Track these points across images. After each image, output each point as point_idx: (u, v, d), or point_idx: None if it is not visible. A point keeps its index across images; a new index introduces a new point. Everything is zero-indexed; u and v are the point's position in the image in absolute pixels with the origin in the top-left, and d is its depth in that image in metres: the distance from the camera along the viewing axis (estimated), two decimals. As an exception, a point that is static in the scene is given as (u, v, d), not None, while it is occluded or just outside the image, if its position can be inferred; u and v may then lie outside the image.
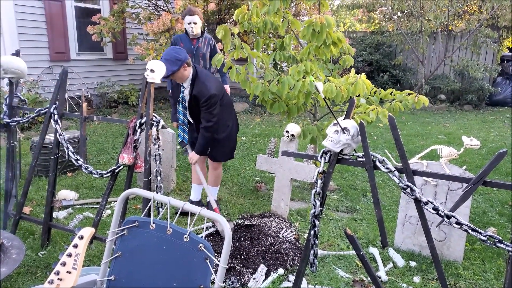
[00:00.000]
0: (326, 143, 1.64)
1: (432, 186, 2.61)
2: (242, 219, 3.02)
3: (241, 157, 4.87)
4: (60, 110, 2.52)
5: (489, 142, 5.82)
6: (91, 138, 5.55)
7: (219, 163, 3.18)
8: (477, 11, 8.34)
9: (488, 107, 9.24)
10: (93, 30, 6.35)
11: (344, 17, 12.98)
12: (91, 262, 2.45)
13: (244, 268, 2.38)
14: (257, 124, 7.01)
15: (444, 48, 8.09)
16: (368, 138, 5.96)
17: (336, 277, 2.36)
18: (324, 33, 2.96)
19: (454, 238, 2.56)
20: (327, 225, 3.04)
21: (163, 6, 7.16)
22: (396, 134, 1.56)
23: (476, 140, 2.22)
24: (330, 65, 3.61)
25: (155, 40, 6.10)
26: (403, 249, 2.70)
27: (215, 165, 3.17)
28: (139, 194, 1.37)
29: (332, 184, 3.93)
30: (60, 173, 3.95)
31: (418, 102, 3.19)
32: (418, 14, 7.75)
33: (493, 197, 3.68)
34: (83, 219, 3.04)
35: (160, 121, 2.25)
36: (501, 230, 2.99)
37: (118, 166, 2.33)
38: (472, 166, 4.53)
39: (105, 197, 2.42)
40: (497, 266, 2.49)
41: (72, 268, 1.08)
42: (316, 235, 1.73)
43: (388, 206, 3.45)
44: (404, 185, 1.57)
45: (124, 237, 1.35)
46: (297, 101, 3.33)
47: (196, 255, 1.22)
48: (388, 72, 9.85)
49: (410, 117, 7.94)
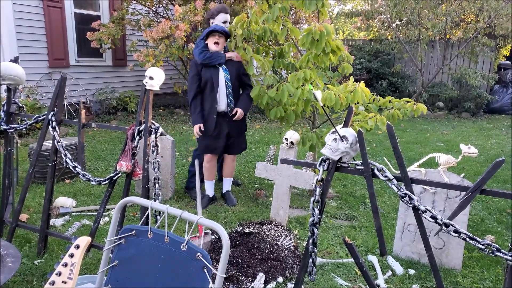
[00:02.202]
0: (324, 151, 1.64)
1: (430, 194, 2.61)
2: (241, 227, 3.00)
3: (240, 164, 4.86)
4: (58, 117, 2.52)
5: (487, 150, 5.84)
6: (89, 144, 5.55)
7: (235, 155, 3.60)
8: (474, 20, 8.41)
9: (486, 115, 9.29)
10: (92, 36, 6.37)
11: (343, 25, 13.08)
12: (88, 270, 2.43)
13: (243, 277, 2.36)
14: (256, 131, 7.02)
15: (442, 56, 8.14)
16: (367, 146, 5.97)
17: (335, 285, 2.34)
18: (323, 42, 2.98)
19: (453, 246, 2.55)
20: (326, 233, 3.03)
21: (163, 13, 7.20)
22: (394, 142, 1.57)
23: (474, 148, 2.23)
24: (329, 73, 3.63)
25: (155, 47, 6.13)
26: (402, 257, 2.69)
27: (233, 157, 3.57)
28: (136, 202, 1.37)
29: (331, 191, 3.93)
30: (58, 180, 3.93)
31: (416, 110, 3.20)
32: (416, 23, 7.82)
33: (491, 204, 3.68)
34: (81, 226, 3.02)
35: (158, 128, 2.25)
36: (499, 238, 2.98)
37: (116, 173, 2.32)
38: (471, 174, 4.54)
39: (103, 205, 2.40)
40: (496, 274, 2.48)
41: (68, 278, 1.07)
42: (314, 243, 1.72)
43: (387, 213, 3.44)
44: (403, 193, 1.57)
45: (121, 245, 1.35)
46: (296, 108, 3.34)
47: (194, 264, 1.21)
48: (387, 79, 9.90)
49: (409, 124, 7.97)
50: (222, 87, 3.27)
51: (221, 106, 3.31)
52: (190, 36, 6.27)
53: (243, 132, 3.53)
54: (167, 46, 5.86)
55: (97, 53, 7.29)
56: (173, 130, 6.78)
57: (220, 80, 3.26)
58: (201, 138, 3.35)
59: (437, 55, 9.10)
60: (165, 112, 8.21)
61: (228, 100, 3.31)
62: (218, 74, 3.25)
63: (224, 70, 3.27)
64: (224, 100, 3.30)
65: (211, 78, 3.23)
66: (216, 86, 3.24)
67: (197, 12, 5.64)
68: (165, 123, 7.36)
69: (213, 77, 3.23)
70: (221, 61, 3.22)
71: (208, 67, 3.23)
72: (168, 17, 6.89)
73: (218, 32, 3.18)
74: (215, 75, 3.24)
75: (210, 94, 3.27)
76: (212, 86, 3.25)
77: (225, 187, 3.67)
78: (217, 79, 3.24)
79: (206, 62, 3.20)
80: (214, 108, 3.27)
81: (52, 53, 6.74)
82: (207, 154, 3.42)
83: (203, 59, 3.19)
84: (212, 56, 3.20)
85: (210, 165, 3.46)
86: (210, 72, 3.23)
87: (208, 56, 3.19)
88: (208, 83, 3.25)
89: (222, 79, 3.27)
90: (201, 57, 3.19)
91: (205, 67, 3.24)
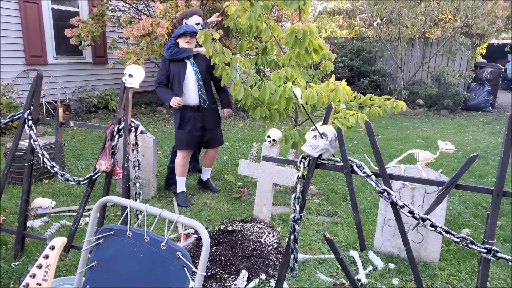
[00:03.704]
0: (305, 148, 1.66)
1: (409, 189, 2.66)
2: (224, 225, 3.00)
3: (224, 162, 4.85)
4: (34, 116, 2.46)
5: (464, 146, 6.00)
6: (69, 143, 5.43)
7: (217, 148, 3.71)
8: (452, 19, 8.62)
9: (464, 112, 9.54)
10: (71, 33, 6.23)
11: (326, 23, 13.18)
12: (68, 271, 2.39)
13: (226, 274, 2.36)
14: (240, 129, 7.01)
15: (422, 55, 8.31)
16: (349, 143, 6.05)
17: (317, 280, 2.37)
18: (307, 41, 3.00)
19: (431, 239, 2.61)
20: (309, 229, 3.06)
21: (143, 10, 7.10)
22: (372, 139, 1.59)
23: (450, 144, 2.28)
24: (311, 71, 3.66)
25: (136, 44, 6.04)
26: (383, 252, 2.74)
27: (215, 149, 3.69)
28: (115, 202, 1.35)
29: (314, 188, 3.96)
30: (36, 180, 3.84)
31: (396, 107, 3.26)
32: (397, 21, 7.95)
33: (468, 199, 3.78)
34: (60, 227, 2.96)
35: (138, 127, 2.22)
36: (475, 231, 3.08)
37: (96, 172, 2.29)
38: (449, 169, 4.65)
39: (82, 205, 2.36)
40: (472, 266, 2.56)
41: (43, 280, 1.05)
42: (296, 239, 1.74)
43: (368, 209, 3.50)
44: (381, 189, 1.60)
45: (100, 245, 1.33)
46: (278, 106, 3.35)
47: (174, 263, 1.21)
48: (368, 77, 10.04)
49: (390, 121, 8.10)
50: (191, 80, 3.38)
51: (191, 100, 3.40)
52: (172, 33, 6.19)
53: (219, 125, 3.63)
54: (149, 44, 5.78)
55: (76, 51, 7.13)
56: (155, 129, 6.71)
57: (188, 73, 3.37)
58: (176, 134, 3.47)
59: (417, 53, 9.29)
60: (147, 110, 8.11)
61: (200, 92, 3.41)
62: (186, 67, 3.37)
63: (192, 64, 3.38)
64: (195, 93, 3.40)
65: (178, 72, 3.36)
66: (183, 78, 3.35)
67: (179, 9, 5.59)
68: (147, 122, 7.27)
69: (180, 70, 3.35)
70: (188, 54, 3.32)
71: (176, 61, 3.35)
72: (149, 14, 6.80)
73: (190, 34, 3.28)
74: (183, 69, 3.36)
75: (178, 87, 3.37)
76: (179, 80, 3.36)
77: (206, 175, 3.84)
78: (184, 72, 3.36)
79: (174, 57, 3.32)
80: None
81: (29, 50, 6.56)
82: (182, 149, 3.46)
83: (171, 54, 3.32)
84: (179, 50, 3.31)
85: (184, 162, 3.51)
86: (178, 66, 3.36)
87: (175, 51, 3.31)
88: (175, 78, 3.37)
89: (191, 72, 3.37)
90: (168, 52, 3.33)
91: (173, 62, 3.36)
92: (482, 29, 7.53)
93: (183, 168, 3.52)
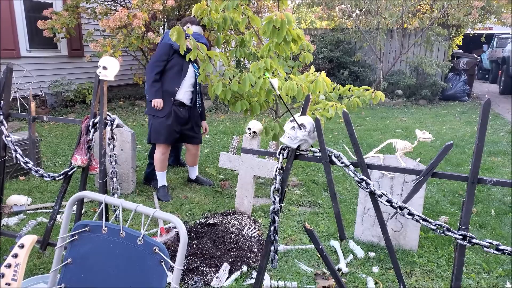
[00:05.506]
0: (283, 139, 1.65)
1: (388, 178, 2.70)
2: (205, 218, 2.98)
3: (205, 155, 4.81)
4: (5, 110, 2.36)
5: (441, 135, 6.14)
6: (45, 139, 5.28)
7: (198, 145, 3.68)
8: (429, 10, 8.75)
9: (441, 102, 9.75)
10: (44, 25, 6.02)
11: (306, 15, 13.16)
12: (45, 269, 2.33)
13: (207, 268, 2.35)
14: (221, 121, 6.97)
15: (400, 45, 8.41)
16: (329, 134, 6.10)
17: (299, 271, 2.39)
18: (285, 30, 2.97)
19: (410, 228, 2.67)
20: (290, 220, 3.07)
21: (119, 1, 6.91)
22: (350, 129, 1.60)
23: (428, 134, 2.32)
24: (291, 62, 3.64)
25: (113, 37, 5.88)
26: (363, 241, 2.78)
27: (197, 147, 3.66)
28: (89, 197, 1.31)
29: (295, 179, 3.98)
30: (11, 176, 3.72)
31: (375, 97, 3.29)
32: (375, 12, 8.01)
33: (445, 187, 3.88)
34: (37, 224, 2.88)
35: (114, 120, 2.17)
36: (452, 218, 3.16)
37: (71, 168, 2.22)
38: (427, 158, 4.75)
39: (58, 201, 2.30)
40: (449, 252, 2.63)
41: (12, 279, 1.01)
42: (276, 230, 1.74)
43: (349, 199, 3.54)
44: (359, 178, 1.61)
45: (74, 242, 1.29)
46: (258, 98, 3.33)
47: (151, 258, 1.19)
48: (348, 68, 10.11)
49: (370, 112, 8.21)
50: (189, 78, 3.36)
51: (183, 96, 3.35)
52: (150, 25, 6.07)
53: (199, 125, 3.66)
54: (126, 36, 5.64)
55: (51, 43, 6.90)
56: (134, 122, 6.59)
57: (189, 71, 3.35)
58: (155, 126, 3.37)
59: (395, 44, 9.40)
60: (125, 103, 7.96)
61: (196, 96, 3.43)
62: (188, 66, 3.35)
63: (194, 67, 3.41)
64: (188, 93, 3.38)
65: (181, 65, 3.30)
66: (184, 73, 3.32)
67: (156, 1, 5.46)
68: (125, 115, 7.14)
69: (183, 65, 3.31)
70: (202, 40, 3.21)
71: (182, 57, 3.24)
72: (125, 6, 6.63)
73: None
74: (186, 65, 3.32)
75: (175, 76, 3.30)
76: (180, 72, 3.30)
77: (193, 174, 3.84)
78: (186, 69, 3.33)
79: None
80: (174, 92, 3.32)
81: (0, 43, 6.31)
82: (160, 143, 3.41)
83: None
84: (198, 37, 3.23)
85: (164, 157, 3.47)
86: (182, 61, 3.30)
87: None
88: (175, 67, 3.30)
89: (191, 72, 3.37)
90: None
91: (179, 55, 3.24)
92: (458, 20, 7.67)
93: (163, 163, 3.47)
